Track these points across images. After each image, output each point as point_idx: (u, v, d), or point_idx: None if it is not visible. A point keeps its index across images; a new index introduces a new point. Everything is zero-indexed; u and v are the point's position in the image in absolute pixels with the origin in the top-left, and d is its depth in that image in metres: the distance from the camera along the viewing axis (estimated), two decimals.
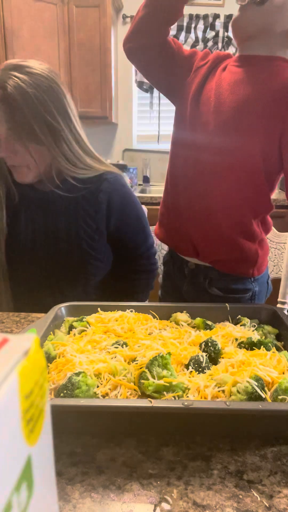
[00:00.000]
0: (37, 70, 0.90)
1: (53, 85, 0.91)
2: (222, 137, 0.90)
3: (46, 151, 0.93)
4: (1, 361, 0.19)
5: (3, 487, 0.17)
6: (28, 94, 0.87)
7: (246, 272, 1.01)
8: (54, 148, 0.93)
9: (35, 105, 0.88)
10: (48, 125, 0.91)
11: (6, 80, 0.86)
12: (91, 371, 0.56)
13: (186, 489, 0.45)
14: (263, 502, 0.43)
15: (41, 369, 0.22)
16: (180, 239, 1.04)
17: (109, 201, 1.03)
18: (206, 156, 0.93)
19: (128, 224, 1.10)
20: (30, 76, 0.88)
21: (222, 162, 0.91)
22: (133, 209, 1.11)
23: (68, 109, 0.95)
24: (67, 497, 0.44)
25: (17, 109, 0.87)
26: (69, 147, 0.96)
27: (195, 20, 2.86)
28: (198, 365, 0.59)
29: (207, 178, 0.94)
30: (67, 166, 0.97)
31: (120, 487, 0.45)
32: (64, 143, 0.95)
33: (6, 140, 0.91)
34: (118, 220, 1.06)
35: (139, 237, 1.13)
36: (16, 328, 0.87)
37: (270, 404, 0.50)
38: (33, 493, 0.21)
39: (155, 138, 3.15)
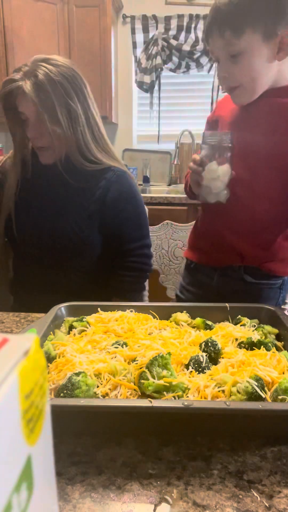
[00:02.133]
0: (61, 62, 1.02)
1: (76, 75, 1.03)
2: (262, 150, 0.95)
3: (63, 136, 1.02)
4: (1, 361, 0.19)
5: (3, 487, 0.17)
6: (55, 81, 0.98)
7: (284, 271, 1.04)
8: (70, 133, 1.03)
9: (60, 91, 0.99)
10: (69, 111, 1.01)
11: (37, 69, 0.98)
12: (91, 371, 0.56)
13: (186, 489, 0.45)
14: (263, 502, 0.43)
15: (41, 369, 0.22)
16: (225, 252, 1.05)
17: (104, 195, 1.08)
18: (250, 174, 0.97)
19: (124, 219, 1.12)
20: (56, 67, 1.00)
21: (265, 180, 0.96)
22: (131, 205, 1.13)
23: (88, 97, 1.06)
24: (67, 497, 0.44)
25: (46, 94, 0.98)
26: (83, 135, 1.05)
27: (195, 20, 2.86)
28: (198, 365, 0.59)
29: (250, 195, 0.98)
30: (78, 157, 1.06)
31: (120, 487, 0.45)
32: (80, 130, 1.04)
33: (35, 122, 1.02)
34: (112, 213, 1.10)
35: (134, 234, 1.15)
36: (16, 328, 0.87)
37: (270, 404, 0.50)
38: (33, 493, 0.21)
39: (155, 138, 3.15)
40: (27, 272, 1.16)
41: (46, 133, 1.01)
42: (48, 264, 1.11)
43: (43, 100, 0.97)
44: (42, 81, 0.97)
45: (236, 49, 0.85)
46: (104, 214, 1.09)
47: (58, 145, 1.04)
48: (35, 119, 1.01)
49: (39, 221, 1.10)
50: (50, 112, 0.99)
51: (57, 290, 1.09)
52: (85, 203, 1.09)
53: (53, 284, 1.12)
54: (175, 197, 2.48)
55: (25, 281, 1.17)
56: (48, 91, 0.97)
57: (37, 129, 1.02)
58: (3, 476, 0.17)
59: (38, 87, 0.97)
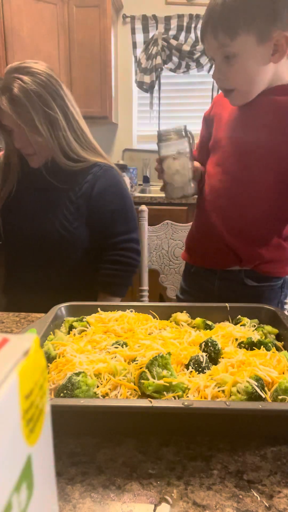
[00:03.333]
0: (35, 69, 1.03)
1: (50, 79, 1.04)
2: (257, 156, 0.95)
3: (45, 142, 1.06)
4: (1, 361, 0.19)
5: (3, 487, 0.17)
6: (29, 92, 1.00)
7: (283, 271, 1.04)
8: (52, 140, 1.05)
9: (36, 101, 1.01)
10: (47, 117, 1.03)
11: (12, 83, 1.00)
12: (91, 371, 0.56)
13: (186, 489, 0.45)
14: (263, 502, 0.43)
15: (41, 369, 0.22)
16: (221, 253, 1.05)
17: (91, 189, 1.11)
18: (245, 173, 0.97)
19: (109, 212, 1.14)
20: (30, 75, 1.01)
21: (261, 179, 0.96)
22: (117, 199, 1.15)
23: (65, 97, 1.07)
24: (67, 497, 0.44)
25: (23, 108, 1.00)
26: (65, 138, 1.07)
27: (195, 20, 2.87)
28: (198, 365, 0.59)
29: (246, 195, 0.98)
30: (62, 159, 1.09)
31: (120, 487, 0.45)
32: (61, 134, 1.06)
33: (18, 133, 1.06)
34: (98, 207, 1.12)
35: (120, 228, 1.16)
36: (16, 328, 0.87)
37: (270, 404, 0.50)
38: (33, 493, 0.21)
39: (155, 138, 3.14)
40: (18, 272, 1.17)
41: (28, 142, 1.06)
42: (38, 262, 1.13)
43: (21, 113, 1.00)
44: (18, 95, 0.99)
45: (230, 51, 0.85)
46: (90, 207, 1.11)
47: (43, 151, 1.09)
48: (17, 131, 1.05)
49: (28, 219, 1.12)
50: (29, 124, 1.02)
51: (48, 287, 1.11)
52: (73, 197, 1.11)
53: (44, 282, 1.13)
54: None
55: (17, 281, 1.18)
56: (25, 104, 0.99)
57: (21, 140, 1.06)
58: (3, 476, 0.17)
59: (14, 101, 0.99)
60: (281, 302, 1.08)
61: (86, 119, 1.19)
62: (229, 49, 0.85)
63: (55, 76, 1.06)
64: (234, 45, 0.84)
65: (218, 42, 0.85)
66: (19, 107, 1.00)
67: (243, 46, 0.84)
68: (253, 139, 0.95)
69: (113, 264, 1.15)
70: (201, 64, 2.95)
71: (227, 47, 0.85)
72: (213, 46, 0.87)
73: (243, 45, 0.83)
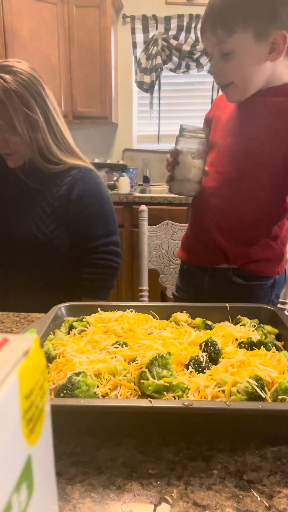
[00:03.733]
0: (17, 68, 1.01)
1: (33, 79, 1.03)
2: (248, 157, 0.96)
3: (23, 143, 1.05)
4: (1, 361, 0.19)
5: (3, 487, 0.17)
6: (10, 91, 0.98)
7: (272, 271, 1.05)
8: (30, 141, 1.04)
9: (16, 101, 0.99)
10: (26, 118, 1.02)
11: None
12: (91, 371, 0.56)
13: (186, 489, 0.45)
14: (263, 502, 0.43)
15: (41, 369, 0.22)
16: (210, 251, 1.06)
17: (70, 192, 1.10)
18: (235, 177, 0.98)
19: (89, 215, 1.13)
20: (12, 74, 1.00)
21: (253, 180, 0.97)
22: (96, 202, 1.14)
23: (46, 99, 1.06)
24: (67, 497, 0.44)
25: (2, 105, 0.98)
26: (44, 141, 1.06)
27: (195, 20, 2.87)
28: (198, 365, 0.59)
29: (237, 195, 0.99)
30: (40, 161, 1.08)
31: (120, 487, 0.45)
32: (40, 136, 1.05)
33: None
34: (77, 210, 1.11)
35: (100, 231, 1.15)
36: (16, 328, 0.87)
37: (270, 404, 0.50)
38: (33, 493, 0.21)
39: (155, 138, 3.15)
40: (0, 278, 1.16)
41: (4, 141, 1.04)
42: (16, 265, 1.12)
43: (0, 112, 0.99)
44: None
45: (228, 47, 0.86)
46: (69, 210, 1.10)
47: (21, 152, 1.07)
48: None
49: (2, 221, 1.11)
50: (8, 123, 1.00)
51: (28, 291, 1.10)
52: (50, 199, 1.10)
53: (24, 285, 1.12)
54: (175, 197, 2.48)
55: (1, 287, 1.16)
56: (4, 103, 0.98)
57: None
58: (3, 476, 0.17)
59: None
60: (272, 301, 1.08)
61: (86, 119, 1.19)
62: (227, 46, 0.85)
63: (38, 77, 1.05)
64: (231, 42, 0.85)
65: (216, 38, 0.86)
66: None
67: (240, 43, 0.84)
68: (245, 140, 0.96)
69: (94, 268, 1.15)
70: (201, 64, 2.95)
71: (224, 43, 0.85)
72: (211, 41, 0.88)
73: (240, 42, 0.84)
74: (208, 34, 0.87)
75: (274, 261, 1.04)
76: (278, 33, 0.83)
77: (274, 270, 1.04)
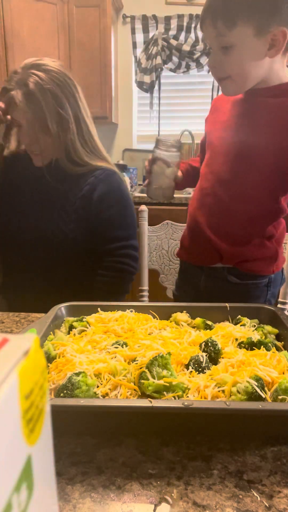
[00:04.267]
0: (51, 67, 1.02)
1: (67, 79, 1.04)
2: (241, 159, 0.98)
3: (52, 143, 1.05)
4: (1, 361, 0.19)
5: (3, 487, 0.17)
6: (45, 90, 0.99)
7: (267, 270, 1.05)
8: (59, 142, 1.05)
9: (50, 100, 1.00)
10: (59, 117, 1.03)
11: (28, 78, 0.99)
12: (91, 371, 0.56)
13: (186, 489, 0.45)
14: (263, 502, 0.43)
15: (41, 369, 0.22)
16: (205, 250, 1.07)
17: (92, 192, 1.10)
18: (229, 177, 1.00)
19: (109, 217, 1.12)
20: (47, 73, 1.01)
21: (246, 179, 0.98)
22: (117, 204, 1.14)
23: (79, 100, 1.08)
24: (67, 497, 0.44)
25: (36, 104, 0.99)
26: (72, 142, 1.07)
27: (195, 20, 2.86)
28: (198, 365, 0.59)
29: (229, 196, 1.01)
30: (65, 162, 1.09)
31: (120, 487, 0.45)
32: (69, 136, 1.05)
33: (27, 129, 1.04)
34: (98, 210, 1.11)
35: (118, 233, 1.14)
36: (16, 328, 0.87)
37: (270, 404, 0.50)
38: (33, 493, 0.21)
39: (155, 138, 3.14)
40: (14, 272, 1.16)
41: (35, 139, 1.05)
42: (32, 262, 1.12)
43: (34, 110, 1.00)
44: (33, 91, 0.98)
45: (227, 40, 0.85)
46: (90, 211, 1.10)
47: (48, 151, 1.08)
48: (26, 127, 1.04)
49: (23, 218, 1.12)
50: (40, 121, 1.01)
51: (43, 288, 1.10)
52: (72, 198, 1.10)
53: (39, 282, 1.12)
54: (175, 197, 2.47)
55: (13, 281, 1.17)
56: (39, 100, 0.99)
57: (28, 136, 1.05)
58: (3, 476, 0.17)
59: (29, 97, 0.99)
60: (268, 300, 1.08)
61: None
62: (226, 39, 0.85)
63: (71, 77, 1.06)
64: (231, 36, 0.84)
65: (216, 30, 0.85)
66: (33, 103, 0.99)
67: (240, 37, 0.84)
68: (239, 140, 0.97)
69: (110, 271, 1.13)
70: (201, 64, 2.95)
71: (224, 36, 0.85)
72: (211, 34, 0.87)
73: (240, 36, 0.84)
74: (208, 26, 0.87)
75: (268, 260, 1.04)
76: (279, 30, 0.83)
77: (269, 269, 1.05)
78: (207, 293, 1.10)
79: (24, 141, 1.08)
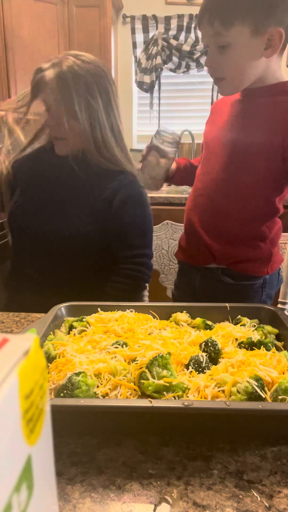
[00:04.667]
0: (90, 60, 1.03)
1: (102, 73, 1.04)
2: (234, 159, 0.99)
3: (80, 130, 1.03)
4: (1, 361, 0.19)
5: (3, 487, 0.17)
6: (78, 75, 1.00)
7: (261, 271, 1.04)
8: (88, 129, 1.04)
9: (81, 85, 1.00)
10: (89, 106, 1.02)
11: (63, 61, 1.00)
12: (91, 371, 0.56)
13: (186, 489, 0.45)
14: (263, 502, 0.43)
15: (41, 369, 0.22)
16: (199, 250, 1.07)
17: (113, 196, 1.08)
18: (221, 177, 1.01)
19: (128, 223, 1.11)
20: (84, 63, 1.02)
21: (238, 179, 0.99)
22: (137, 211, 1.13)
23: (112, 99, 1.07)
24: (67, 497, 0.44)
25: (66, 86, 0.99)
26: (102, 133, 1.05)
27: (195, 20, 2.86)
28: (198, 365, 0.59)
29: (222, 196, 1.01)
30: (94, 152, 1.07)
31: (120, 487, 0.45)
32: (99, 127, 1.04)
33: (54, 112, 1.04)
34: (118, 216, 1.09)
35: (136, 241, 1.13)
36: (16, 328, 0.87)
37: (270, 404, 0.50)
38: (33, 493, 0.21)
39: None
40: (23, 267, 1.16)
41: (62, 124, 1.03)
42: (44, 259, 1.11)
43: (63, 91, 0.99)
44: (65, 73, 0.99)
45: (224, 40, 0.86)
46: (109, 215, 1.08)
47: (73, 138, 1.06)
48: (54, 109, 1.03)
49: (41, 213, 1.11)
50: (68, 104, 1.00)
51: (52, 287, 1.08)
52: (92, 199, 1.08)
53: (48, 281, 1.11)
54: (175, 197, 2.48)
55: (21, 276, 1.16)
56: (69, 83, 0.99)
57: (55, 119, 1.04)
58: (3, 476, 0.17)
59: (60, 77, 0.99)
60: (264, 301, 1.08)
61: None
62: (223, 39, 0.86)
63: (107, 72, 1.06)
64: (228, 35, 0.85)
65: (213, 30, 0.86)
66: (63, 84, 0.99)
67: (237, 37, 0.85)
68: (232, 139, 0.98)
69: (123, 278, 1.11)
70: (201, 64, 2.95)
71: (221, 36, 0.86)
72: (208, 33, 0.88)
73: (237, 36, 0.85)
74: (205, 25, 0.87)
75: (262, 261, 1.03)
76: (275, 30, 0.83)
77: (262, 270, 1.04)
78: (203, 293, 1.10)
79: (49, 123, 1.06)
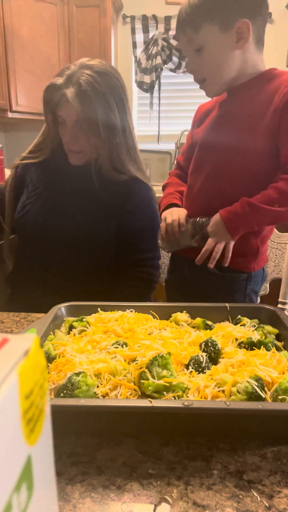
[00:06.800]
0: (103, 69, 1.01)
1: (116, 82, 1.03)
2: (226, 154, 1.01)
3: (96, 145, 1.05)
4: (1, 361, 0.19)
5: (3, 487, 0.17)
6: (99, 92, 0.99)
7: (247, 267, 1.07)
8: (106, 145, 1.04)
9: (103, 102, 1.00)
10: (108, 121, 1.02)
11: (79, 76, 0.98)
12: (91, 371, 0.56)
13: (186, 489, 0.45)
14: (263, 502, 0.43)
15: (41, 369, 0.22)
16: None
17: (125, 202, 1.10)
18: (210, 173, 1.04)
19: (140, 228, 1.13)
20: (101, 76, 1.00)
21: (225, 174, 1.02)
22: (148, 216, 1.15)
23: (126, 108, 1.08)
24: (67, 497, 0.44)
25: (89, 105, 0.98)
26: (117, 148, 1.06)
27: None
28: (198, 365, 0.59)
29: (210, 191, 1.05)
30: (108, 167, 1.08)
31: (120, 487, 0.45)
32: (115, 142, 1.05)
33: (73, 128, 1.03)
34: (130, 221, 1.11)
35: (147, 245, 1.15)
36: (16, 328, 0.87)
37: (270, 404, 0.50)
38: (33, 493, 0.21)
39: (155, 138, 3.15)
40: (28, 265, 1.15)
41: (82, 139, 1.04)
42: (51, 260, 1.11)
43: (86, 110, 0.98)
44: (87, 91, 0.97)
45: (197, 43, 0.92)
46: (121, 220, 1.10)
47: (88, 151, 1.07)
48: (73, 125, 1.02)
49: (51, 218, 1.11)
50: (90, 122, 1.00)
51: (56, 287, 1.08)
52: (104, 206, 1.10)
53: (53, 281, 1.11)
54: None
55: (25, 274, 1.16)
56: (92, 101, 0.98)
57: (73, 135, 1.04)
58: (3, 476, 0.17)
59: (82, 96, 0.97)
60: (248, 295, 1.10)
61: None
62: (196, 42, 0.92)
63: (121, 79, 1.05)
64: (199, 37, 0.91)
65: (186, 37, 0.93)
66: (85, 103, 0.97)
67: (207, 36, 0.91)
68: (220, 137, 1.01)
69: (135, 280, 1.13)
70: None
71: (194, 40, 0.92)
72: (183, 41, 0.95)
73: (207, 35, 0.91)
74: (180, 35, 0.95)
75: (248, 257, 1.06)
76: (242, 22, 0.89)
77: (248, 266, 1.07)
78: (191, 281, 1.14)
79: (66, 139, 1.05)
